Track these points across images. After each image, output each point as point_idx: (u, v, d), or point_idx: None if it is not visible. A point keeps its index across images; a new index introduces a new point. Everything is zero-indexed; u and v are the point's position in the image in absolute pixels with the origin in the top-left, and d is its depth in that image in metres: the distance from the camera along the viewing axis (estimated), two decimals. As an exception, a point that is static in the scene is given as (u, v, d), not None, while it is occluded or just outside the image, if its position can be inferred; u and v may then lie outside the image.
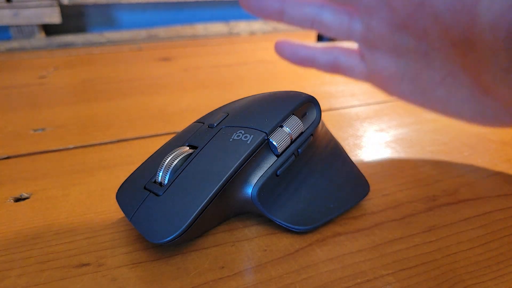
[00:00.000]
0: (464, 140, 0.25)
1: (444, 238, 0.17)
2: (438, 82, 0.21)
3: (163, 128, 0.29)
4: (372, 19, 0.21)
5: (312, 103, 0.18)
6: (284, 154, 0.16)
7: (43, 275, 0.15)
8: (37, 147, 0.26)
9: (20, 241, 0.17)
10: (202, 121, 0.19)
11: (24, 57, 0.54)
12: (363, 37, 0.23)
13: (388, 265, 0.15)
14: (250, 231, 0.17)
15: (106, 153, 0.25)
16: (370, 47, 0.23)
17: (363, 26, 0.22)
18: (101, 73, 0.45)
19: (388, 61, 0.22)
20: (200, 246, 0.16)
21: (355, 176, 0.19)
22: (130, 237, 0.17)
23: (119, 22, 0.71)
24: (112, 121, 0.30)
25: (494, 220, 0.18)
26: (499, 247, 0.16)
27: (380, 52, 0.22)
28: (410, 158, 0.23)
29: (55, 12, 0.62)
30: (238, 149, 0.16)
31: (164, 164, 0.16)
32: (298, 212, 0.17)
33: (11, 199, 0.20)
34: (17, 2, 0.60)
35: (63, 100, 0.36)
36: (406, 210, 0.18)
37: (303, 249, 0.16)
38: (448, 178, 0.21)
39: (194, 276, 0.15)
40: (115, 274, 0.15)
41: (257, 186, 0.16)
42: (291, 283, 0.14)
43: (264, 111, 0.17)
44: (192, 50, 0.57)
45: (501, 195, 0.20)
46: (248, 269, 0.15)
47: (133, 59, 0.52)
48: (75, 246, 0.16)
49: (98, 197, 0.20)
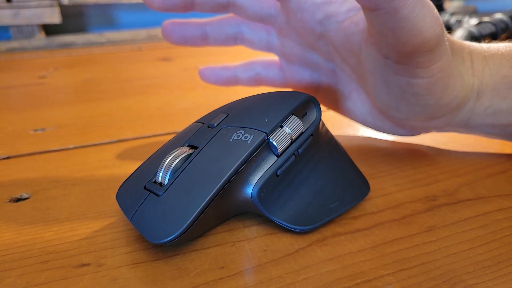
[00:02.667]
0: (464, 140, 0.25)
1: (444, 238, 0.17)
2: (346, 96, 0.24)
3: (163, 128, 0.29)
4: (285, 39, 0.24)
5: (312, 103, 0.18)
6: (284, 154, 0.16)
7: (43, 275, 0.15)
8: (37, 147, 0.26)
9: (20, 241, 0.17)
10: (202, 121, 0.19)
11: (24, 57, 0.54)
12: (280, 51, 0.25)
13: (388, 265, 0.15)
14: (250, 231, 0.17)
15: (106, 153, 0.25)
16: (286, 61, 0.25)
17: (279, 43, 0.25)
18: (101, 73, 0.45)
19: (304, 74, 0.25)
20: (200, 246, 0.16)
21: (355, 176, 0.19)
22: (130, 237, 0.17)
23: (119, 22, 0.71)
24: (112, 121, 0.30)
25: (494, 220, 0.18)
26: (499, 247, 0.16)
27: (296, 65, 0.25)
28: (410, 158, 0.23)
29: (55, 12, 0.62)
30: (238, 149, 0.16)
31: (164, 164, 0.16)
32: (298, 212, 0.17)
33: (11, 199, 0.20)
34: (17, 2, 0.60)
35: (63, 100, 0.36)
36: (406, 210, 0.18)
37: (303, 249, 0.16)
38: (448, 178, 0.21)
39: (194, 276, 0.15)
40: (115, 274, 0.15)
41: (257, 186, 0.16)
42: (291, 283, 0.14)
43: (264, 111, 0.17)
44: (192, 50, 0.57)
45: (501, 195, 0.20)
46: (248, 269, 0.15)
47: (133, 59, 0.52)
48: (75, 246, 0.16)
49: (98, 197, 0.20)
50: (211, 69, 0.27)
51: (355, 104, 0.24)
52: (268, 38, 0.25)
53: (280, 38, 0.25)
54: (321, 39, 0.22)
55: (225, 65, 0.27)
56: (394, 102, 0.20)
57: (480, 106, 0.20)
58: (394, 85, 0.19)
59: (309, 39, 0.22)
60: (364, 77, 0.21)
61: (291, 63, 0.25)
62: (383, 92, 0.20)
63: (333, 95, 0.25)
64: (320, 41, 0.22)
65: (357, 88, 0.23)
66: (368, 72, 0.20)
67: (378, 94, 0.20)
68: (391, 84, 0.19)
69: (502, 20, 0.47)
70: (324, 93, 0.25)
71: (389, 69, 0.18)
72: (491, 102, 0.20)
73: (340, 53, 0.22)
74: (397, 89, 0.19)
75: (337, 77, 0.24)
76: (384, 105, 0.21)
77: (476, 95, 0.20)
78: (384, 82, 0.19)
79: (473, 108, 0.20)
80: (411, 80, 0.18)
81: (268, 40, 0.25)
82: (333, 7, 0.20)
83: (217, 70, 0.27)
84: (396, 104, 0.20)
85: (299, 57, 0.24)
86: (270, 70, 0.27)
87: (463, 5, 0.91)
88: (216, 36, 0.25)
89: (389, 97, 0.20)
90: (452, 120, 0.21)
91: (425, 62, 0.17)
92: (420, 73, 0.18)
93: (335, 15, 0.20)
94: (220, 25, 0.25)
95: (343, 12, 0.20)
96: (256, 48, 0.26)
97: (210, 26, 0.25)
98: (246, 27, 0.25)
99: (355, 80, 0.23)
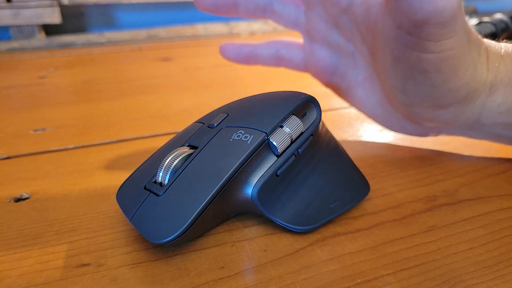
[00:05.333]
0: (464, 140, 0.25)
1: (444, 238, 0.17)
2: (359, 83, 0.24)
3: (163, 128, 0.29)
4: (311, 13, 0.24)
5: (312, 103, 0.18)
6: (284, 154, 0.16)
7: (43, 275, 0.15)
8: (37, 147, 0.26)
9: (20, 241, 0.17)
10: (202, 121, 0.19)
11: (24, 57, 0.54)
12: (305, 28, 0.25)
13: (388, 265, 0.15)
14: (250, 231, 0.17)
15: (106, 153, 0.25)
16: (310, 39, 0.26)
17: (305, 19, 0.25)
18: (101, 73, 0.45)
19: (324, 54, 0.25)
20: (200, 246, 0.16)
21: (355, 176, 0.19)
22: (130, 237, 0.17)
23: (119, 22, 0.71)
24: (112, 121, 0.30)
25: (494, 220, 0.18)
26: (499, 247, 0.16)
27: (318, 44, 0.25)
28: (410, 158, 0.23)
29: (55, 12, 0.62)
30: (238, 149, 0.16)
31: (164, 164, 0.16)
32: (298, 212, 0.17)
33: (11, 199, 0.20)
34: (17, 2, 0.60)
35: (63, 100, 0.36)
36: (406, 210, 0.18)
37: (303, 249, 0.16)
38: (448, 178, 0.21)
39: (194, 276, 0.15)
40: (115, 274, 0.15)
41: (257, 186, 0.16)
42: (291, 283, 0.14)
43: (264, 111, 0.17)
44: (192, 50, 0.57)
45: (501, 195, 0.20)
46: (248, 269, 0.15)
47: (133, 59, 0.52)
48: (75, 246, 0.16)
49: (98, 197, 0.20)
50: (232, 45, 0.27)
51: (367, 92, 0.24)
52: (296, 13, 0.25)
53: (307, 13, 0.25)
54: (345, 14, 0.22)
55: (247, 42, 0.28)
56: (402, 82, 0.19)
57: (492, 102, 0.19)
58: (403, 61, 0.18)
59: (334, 13, 0.23)
60: (377, 56, 0.21)
61: (313, 41, 0.25)
62: (392, 70, 0.20)
63: (347, 80, 0.25)
64: (344, 16, 0.22)
65: (372, 75, 0.23)
66: (380, 48, 0.20)
67: (388, 73, 0.20)
68: (401, 60, 0.19)
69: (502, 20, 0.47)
70: (339, 78, 0.25)
71: (400, 41, 0.18)
72: (505, 98, 0.19)
73: (360, 31, 0.22)
74: (406, 65, 0.18)
75: (354, 61, 0.24)
76: (392, 87, 0.20)
77: (489, 89, 0.19)
78: (394, 58, 0.19)
79: (484, 103, 0.19)
80: (421, 55, 0.18)
81: (296, 16, 0.26)
82: None
83: (238, 46, 0.27)
84: (404, 85, 0.19)
85: (322, 36, 0.25)
86: (291, 50, 0.27)
87: (463, 5, 0.91)
88: (246, 5, 0.25)
89: (397, 76, 0.19)
90: (461, 114, 0.20)
91: (437, 35, 0.17)
92: (431, 47, 0.17)
93: None
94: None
95: None
96: (283, 23, 0.26)
97: None
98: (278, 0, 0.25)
99: (371, 65, 0.23)
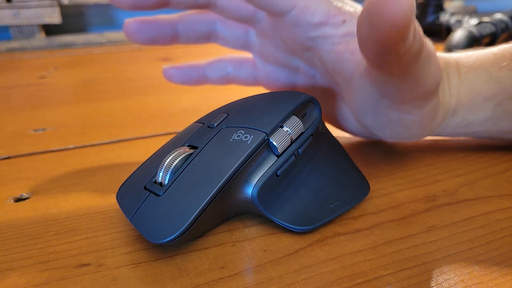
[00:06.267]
0: (464, 140, 0.25)
1: (444, 238, 0.17)
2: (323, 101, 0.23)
3: (163, 128, 0.29)
4: (267, 41, 0.23)
5: (312, 103, 0.18)
6: (284, 154, 0.16)
7: (43, 275, 0.15)
8: (37, 147, 0.26)
9: (20, 241, 0.17)
10: (202, 121, 0.19)
11: (24, 57, 0.54)
12: (258, 52, 0.24)
13: (388, 265, 0.15)
14: (250, 231, 0.17)
15: (106, 153, 0.25)
16: (264, 61, 0.24)
17: (258, 43, 0.23)
18: (101, 73, 0.45)
19: (280, 75, 0.24)
20: (200, 246, 0.16)
21: (355, 176, 0.19)
22: (130, 237, 0.17)
23: (119, 22, 0.71)
24: (112, 121, 0.30)
25: (494, 220, 0.18)
26: (499, 247, 0.16)
27: (274, 67, 0.24)
28: (410, 158, 0.23)
29: (55, 12, 0.62)
30: (238, 149, 0.16)
31: (164, 164, 0.16)
32: (298, 212, 0.17)
33: (11, 199, 0.20)
34: (17, 2, 0.60)
35: (63, 100, 0.36)
36: (406, 210, 0.18)
37: (303, 249, 0.16)
38: (448, 178, 0.21)
39: (194, 276, 0.15)
40: (115, 274, 0.15)
41: (257, 186, 0.16)
42: (291, 283, 0.14)
43: (264, 111, 0.17)
44: (192, 50, 0.57)
45: (501, 195, 0.20)
46: (248, 269, 0.15)
47: (133, 59, 0.52)
48: (75, 246, 0.16)
49: (98, 197, 0.20)
50: (177, 69, 0.25)
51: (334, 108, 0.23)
52: (245, 37, 0.24)
53: (260, 39, 0.23)
54: (310, 51, 0.20)
55: (193, 63, 0.25)
56: (381, 126, 0.20)
57: (453, 121, 0.21)
58: (384, 116, 0.19)
59: (295, 49, 0.21)
60: (350, 96, 0.20)
61: (268, 63, 0.24)
62: (369, 116, 0.20)
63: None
64: (307, 52, 0.21)
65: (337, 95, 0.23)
66: (357, 97, 0.19)
67: (364, 117, 0.20)
68: (381, 114, 0.19)
69: (502, 20, 0.47)
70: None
71: (383, 104, 0.18)
72: (464, 117, 0.21)
73: (327, 68, 0.21)
74: (386, 119, 0.19)
75: (315, 81, 0.23)
76: (368, 125, 0.20)
77: (452, 113, 0.21)
78: (373, 111, 0.19)
79: (447, 123, 0.21)
80: (404, 116, 0.19)
81: (245, 39, 0.24)
82: (329, 29, 0.19)
83: (185, 69, 0.25)
84: (382, 129, 0.20)
85: (278, 60, 0.23)
86: (241, 69, 0.25)
87: (463, 5, 0.91)
88: (188, 35, 0.23)
89: (375, 121, 0.20)
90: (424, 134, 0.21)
91: (423, 103, 0.18)
92: (415, 111, 0.18)
93: (330, 36, 0.19)
94: (192, 23, 0.23)
95: (339, 35, 0.19)
96: (230, 47, 0.24)
97: (182, 24, 0.23)
98: (221, 25, 0.23)
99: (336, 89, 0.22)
